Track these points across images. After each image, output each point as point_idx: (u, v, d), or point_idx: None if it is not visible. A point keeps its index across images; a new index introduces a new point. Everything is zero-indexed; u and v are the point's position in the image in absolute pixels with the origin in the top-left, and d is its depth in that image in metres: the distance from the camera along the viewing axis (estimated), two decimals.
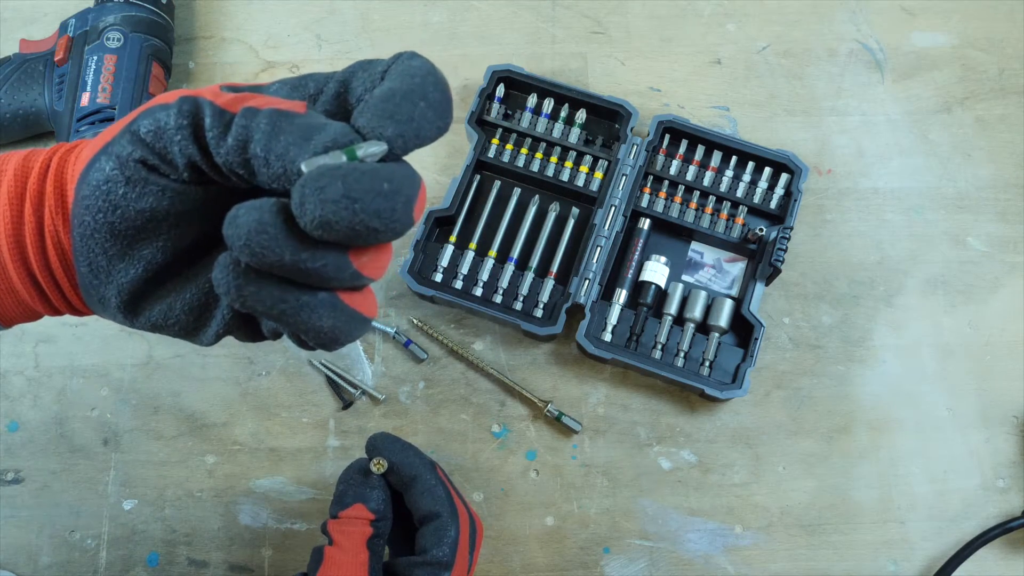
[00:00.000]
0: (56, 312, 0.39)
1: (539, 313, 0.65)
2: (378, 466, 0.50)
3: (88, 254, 0.35)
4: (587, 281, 0.65)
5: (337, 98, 0.34)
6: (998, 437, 0.65)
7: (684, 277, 0.68)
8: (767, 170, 0.69)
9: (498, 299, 0.65)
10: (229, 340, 0.39)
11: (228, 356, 0.66)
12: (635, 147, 0.69)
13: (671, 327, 0.65)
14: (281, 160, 0.30)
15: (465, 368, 0.66)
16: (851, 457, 0.64)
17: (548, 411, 0.64)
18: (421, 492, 0.50)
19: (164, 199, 0.35)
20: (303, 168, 0.29)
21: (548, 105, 0.70)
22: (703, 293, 0.65)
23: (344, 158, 0.29)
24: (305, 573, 0.48)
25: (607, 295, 0.66)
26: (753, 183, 0.68)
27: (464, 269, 0.66)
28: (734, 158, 0.69)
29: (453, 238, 0.67)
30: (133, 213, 0.34)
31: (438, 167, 0.72)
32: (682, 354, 0.64)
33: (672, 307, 0.65)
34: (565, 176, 0.69)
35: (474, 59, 0.75)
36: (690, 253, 0.69)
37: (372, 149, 0.30)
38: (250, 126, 0.31)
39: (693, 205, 0.68)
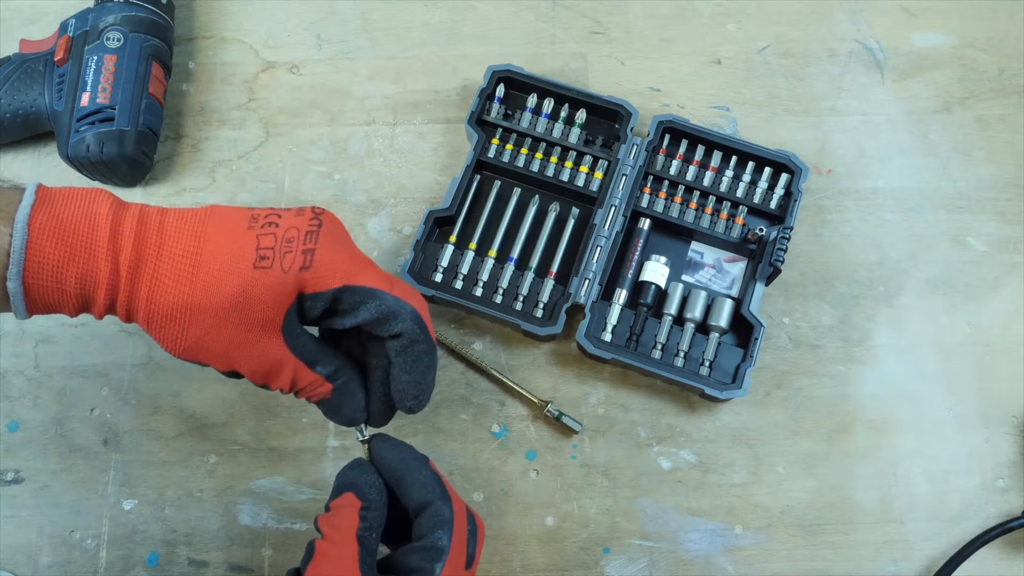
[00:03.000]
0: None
1: (539, 313, 0.65)
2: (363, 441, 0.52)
3: None
4: (587, 281, 0.65)
5: None
6: (998, 437, 0.65)
7: (684, 277, 0.68)
8: (767, 170, 0.69)
9: (498, 299, 0.65)
10: None
11: None
12: (635, 147, 0.69)
13: (671, 327, 0.65)
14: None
15: (465, 368, 0.66)
16: (851, 457, 0.64)
17: (548, 411, 0.64)
18: (412, 484, 0.50)
19: None
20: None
21: (548, 105, 0.70)
22: (703, 293, 0.65)
23: None
24: (298, 569, 0.47)
25: (607, 295, 0.66)
26: (753, 183, 0.68)
27: (464, 269, 0.66)
28: (734, 158, 0.69)
29: (453, 238, 0.67)
30: None
31: (438, 167, 0.72)
32: (682, 354, 0.64)
33: (672, 307, 0.65)
34: (565, 176, 0.69)
35: (474, 59, 0.75)
36: (690, 253, 0.69)
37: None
38: None
39: (693, 205, 0.68)
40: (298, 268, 0.47)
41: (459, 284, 0.65)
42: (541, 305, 0.65)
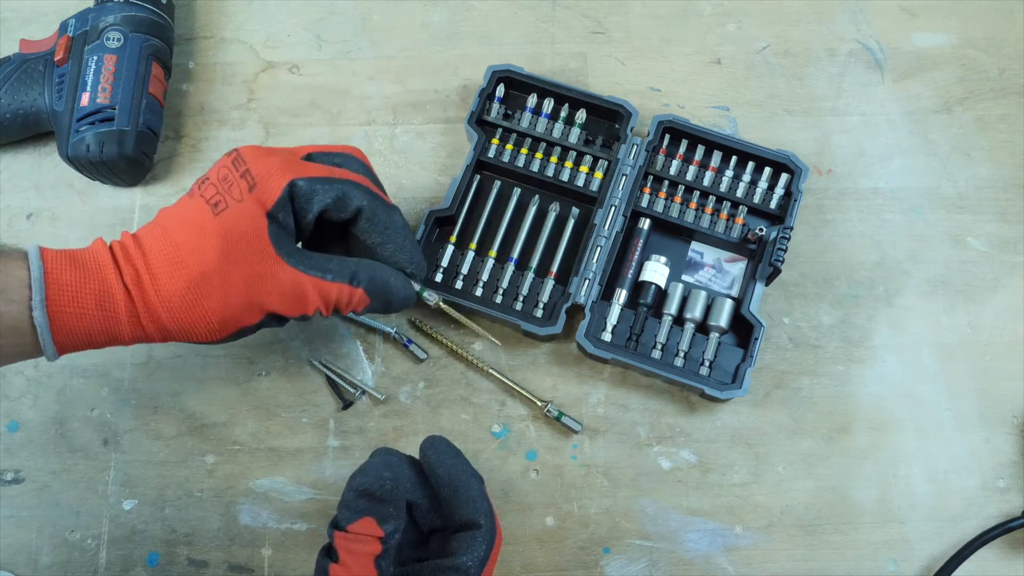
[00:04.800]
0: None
1: (539, 313, 0.65)
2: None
3: None
4: (587, 281, 0.65)
5: None
6: (998, 437, 0.65)
7: (684, 277, 0.68)
8: (767, 170, 0.69)
9: (498, 299, 0.65)
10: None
11: (228, 356, 0.66)
12: (635, 147, 0.69)
13: (671, 327, 0.65)
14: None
15: (465, 368, 0.66)
16: (851, 457, 0.64)
17: (548, 411, 0.64)
18: (467, 499, 0.50)
19: None
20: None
21: (548, 105, 0.70)
22: (703, 293, 0.65)
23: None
24: None
25: (607, 295, 0.66)
26: (753, 183, 0.68)
27: (464, 269, 0.66)
28: (734, 158, 0.69)
29: (453, 238, 0.67)
30: None
31: (438, 167, 0.72)
32: (682, 354, 0.64)
33: (672, 307, 0.65)
34: (565, 176, 0.69)
35: (474, 59, 0.75)
36: (690, 253, 0.69)
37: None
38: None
39: (693, 205, 0.68)
40: (247, 190, 0.51)
41: (459, 284, 0.65)
42: (541, 305, 0.65)
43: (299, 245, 0.55)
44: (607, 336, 0.64)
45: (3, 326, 0.47)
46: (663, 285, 0.66)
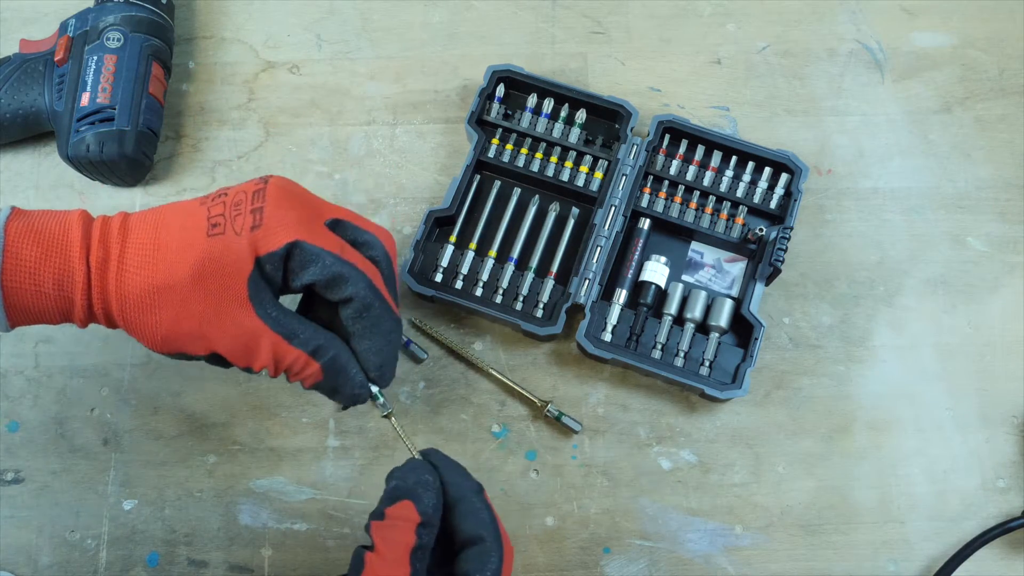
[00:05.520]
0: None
1: (539, 313, 0.65)
2: None
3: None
4: (587, 281, 0.65)
5: None
6: (998, 437, 0.65)
7: (684, 277, 0.68)
8: (767, 170, 0.69)
9: (498, 299, 0.65)
10: None
11: None
12: (635, 147, 0.69)
13: (671, 327, 0.65)
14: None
15: (465, 368, 0.66)
16: (851, 457, 0.64)
17: (548, 411, 0.64)
18: (466, 513, 0.47)
19: None
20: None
21: (548, 105, 0.70)
22: (703, 293, 0.65)
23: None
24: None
25: (607, 295, 0.66)
26: (753, 183, 0.68)
27: (464, 269, 0.66)
28: (734, 158, 0.69)
29: (453, 238, 0.67)
30: None
31: (438, 167, 0.72)
32: (682, 354, 0.64)
33: (672, 307, 0.65)
34: (565, 176, 0.69)
35: (474, 59, 0.75)
36: (690, 253, 0.69)
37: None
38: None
39: (693, 205, 0.68)
40: (249, 228, 0.47)
41: (459, 284, 0.65)
42: (541, 305, 0.65)
43: (280, 299, 0.51)
44: (607, 336, 0.64)
45: None
46: (663, 285, 0.66)
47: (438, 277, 0.66)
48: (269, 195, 0.48)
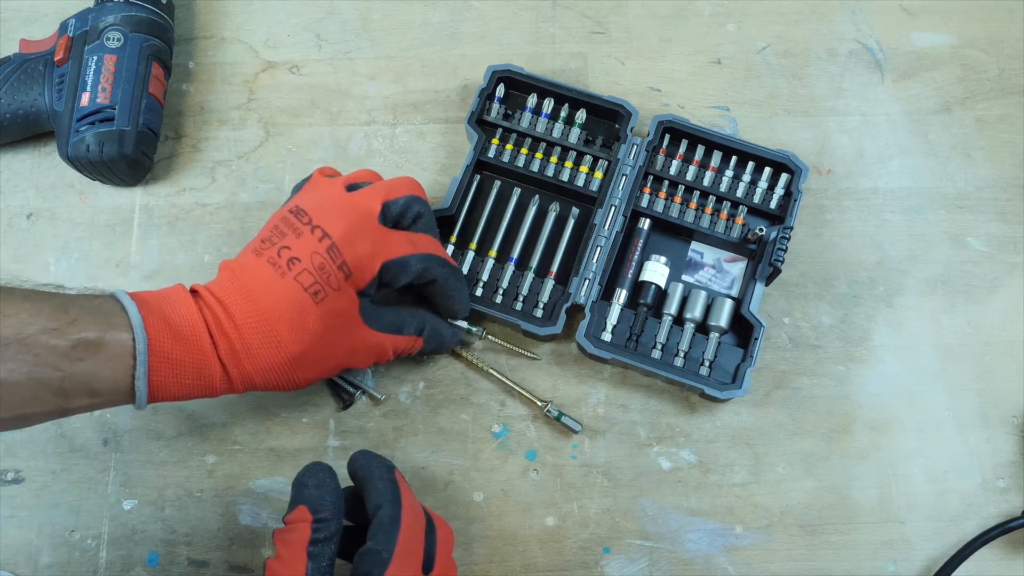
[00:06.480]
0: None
1: (539, 313, 0.65)
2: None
3: None
4: (587, 281, 0.65)
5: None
6: (998, 437, 0.65)
7: (684, 277, 0.68)
8: (767, 170, 0.69)
9: (498, 299, 0.65)
10: None
11: None
12: (635, 147, 0.69)
13: (671, 327, 0.65)
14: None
15: (465, 368, 0.66)
16: (851, 457, 0.64)
17: (548, 411, 0.64)
18: (370, 491, 0.51)
19: None
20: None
21: (548, 105, 0.70)
22: (703, 293, 0.65)
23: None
24: None
25: (607, 295, 0.66)
26: (753, 183, 0.68)
27: (464, 269, 0.66)
28: (734, 158, 0.69)
29: (453, 238, 0.67)
30: None
31: (438, 167, 0.72)
32: (682, 354, 0.64)
33: (672, 307, 0.65)
34: (565, 176, 0.69)
35: (474, 59, 0.75)
36: (690, 253, 0.69)
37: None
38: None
39: (693, 205, 0.68)
40: (344, 279, 0.55)
41: None
42: (541, 305, 0.65)
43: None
44: (607, 336, 0.64)
45: (104, 386, 0.50)
46: (663, 285, 0.66)
47: None
48: (342, 247, 0.54)
